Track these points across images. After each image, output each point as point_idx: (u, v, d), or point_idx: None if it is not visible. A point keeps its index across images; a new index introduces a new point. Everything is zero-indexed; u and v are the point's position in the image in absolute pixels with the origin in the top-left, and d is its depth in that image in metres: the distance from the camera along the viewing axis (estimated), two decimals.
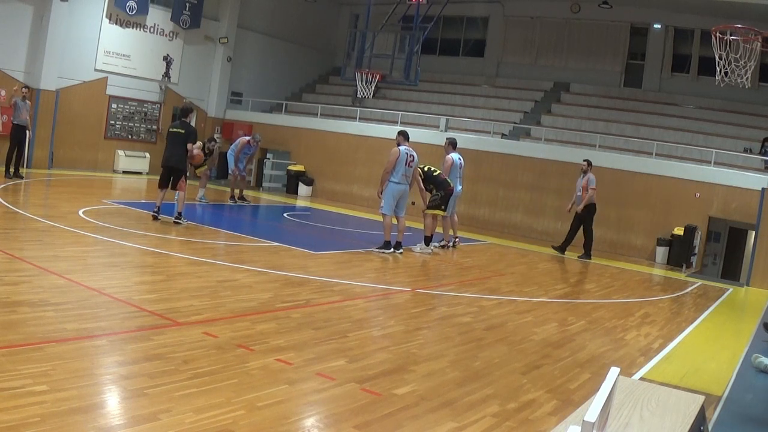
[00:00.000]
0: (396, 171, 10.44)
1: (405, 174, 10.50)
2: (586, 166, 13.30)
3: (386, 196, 10.48)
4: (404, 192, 10.60)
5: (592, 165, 13.42)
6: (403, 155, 10.47)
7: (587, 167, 13.28)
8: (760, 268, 12.61)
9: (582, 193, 13.21)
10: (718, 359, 6.74)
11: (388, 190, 10.47)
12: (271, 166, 20.68)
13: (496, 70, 21.66)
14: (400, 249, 10.67)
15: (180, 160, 10.77)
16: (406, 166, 10.49)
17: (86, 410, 3.54)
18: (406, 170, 10.49)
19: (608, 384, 1.87)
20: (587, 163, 13.38)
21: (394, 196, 10.48)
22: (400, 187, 10.51)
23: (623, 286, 10.88)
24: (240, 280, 7.34)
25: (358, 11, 23.54)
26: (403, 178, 10.49)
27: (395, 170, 10.44)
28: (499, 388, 4.86)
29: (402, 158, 10.44)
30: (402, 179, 10.49)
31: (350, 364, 4.93)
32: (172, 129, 10.85)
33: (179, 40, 19.50)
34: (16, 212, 10.03)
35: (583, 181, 13.25)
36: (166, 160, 10.85)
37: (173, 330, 5.19)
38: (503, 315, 7.40)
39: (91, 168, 17.78)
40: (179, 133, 10.68)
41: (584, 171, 13.30)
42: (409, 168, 10.56)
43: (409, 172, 10.57)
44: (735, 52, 9.48)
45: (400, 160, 10.43)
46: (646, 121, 17.51)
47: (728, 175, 14.31)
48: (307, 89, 23.66)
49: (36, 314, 5.10)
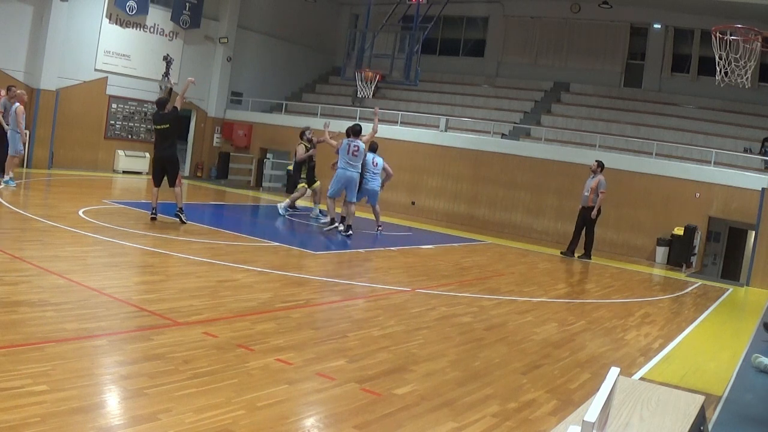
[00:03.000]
0: (339, 158, 11.94)
1: (348, 161, 11.81)
2: (595, 167, 13.06)
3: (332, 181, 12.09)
4: (349, 178, 11.83)
5: (604, 167, 13.16)
6: (345, 145, 11.93)
7: (597, 168, 13.03)
8: (760, 268, 12.61)
9: (590, 194, 12.97)
10: (718, 359, 6.74)
11: (334, 175, 12.01)
12: (271, 166, 20.71)
13: (496, 70, 21.66)
14: (350, 232, 11.80)
15: (172, 151, 10.57)
16: (350, 154, 11.82)
17: (86, 410, 3.54)
18: (349, 158, 11.80)
19: (608, 384, 1.87)
20: (597, 163, 13.13)
21: (338, 180, 11.88)
22: (344, 173, 11.82)
23: (623, 286, 10.88)
24: (240, 280, 7.34)
25: (358, 11, 23.54)
26: (345, 164, 11.82)
27: (339, 157, 11.94)
28: (499, 388, 4.86)
29: (344, 147, 11.90)
30: (345, 165, 11.82)
31: (350, 364, 4.93)
32: (157, 127, 10.65)
33: (179, 40, 19.50)
34: (16, 212, 10.03)
35: (593, 182, 12.98)
36: (157, 152, 10.71)
37: (173, 330, 5.19)
38: (503, 315, 7.40)
39: (91, 168, 17.78)
40: (165, 128, 10.51)
41: (594, 171, 13.06)
42: (354, 156, 11.84)
43: (352, 160, 11.83)
44: (735, 52, 9.48)
45: (342, 149, 11.92)
46: (646, 121, 17.51)
47: (728, 175, 14.31)
48: (307, 89, 23.66)
49: (36, 314, 5.10)
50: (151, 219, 10.52)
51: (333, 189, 12.05)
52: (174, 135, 10.61)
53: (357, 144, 11.85)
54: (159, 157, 10.70)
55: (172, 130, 10.58)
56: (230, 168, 20.55)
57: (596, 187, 12.92)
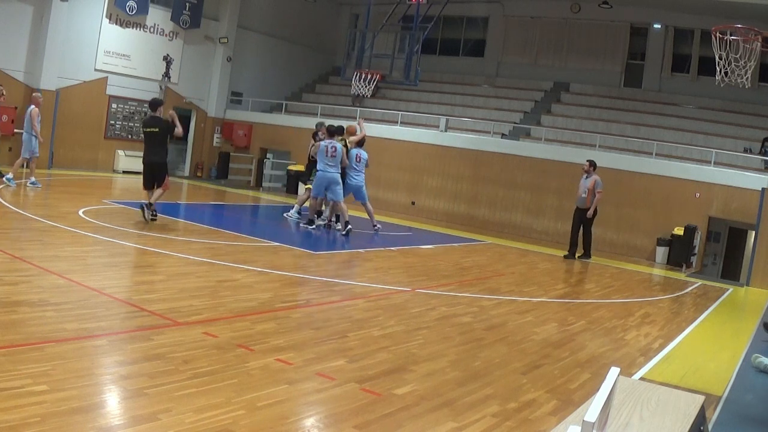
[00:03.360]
0: (318, 160, 12.15)
1: (327, 163, 12.03)
2: (587, 167, 13.00)
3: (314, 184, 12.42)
4: (330, 179, 12.08)
5: (596, 166, 13.10)
6: (322, 147, 12.06)
7: (589, 167, 12.96)
8: (760, 268, 12.61)
9: (587, 194, 12.90)
10: (718, 359, 6.74)
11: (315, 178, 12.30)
12: (271, 166, 20.70)
13: (496, 70, 21.66)
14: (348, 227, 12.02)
15: (160, 155, 10.35)
16: (328, 156, 12.02)
17: (86, 410, 3.54)
18: (328, 160, 12.03)
19: (608, 384, 1.87)
20: (589, 163, 13.07)
21: (320, 182, 12.16)
22: (323, 175, 12.07)
23: (623, 286, 10.88)
24: (240, 280, 7.34)
25: (358, 11, 23.53)
26: (324, 166, 12.04)
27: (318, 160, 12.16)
28: (499, 388, 4.86)
29: (321, 150, 12.06)
30: (324, 167, 12.04)
31: (350, 364, 4.93)
32: (146, 129, 10.48)
33: (179, 40, 19.51)
34: (16, 212, 10.03)
35: (589, 182, 12.91)
36: (146, 157, 10.51)
37: (173, 330, 5.19)
38: (503, 315, 7.40)
39: (91, 168, 17.78)
40: (154, 132, 10.32)
41: (586, 171, 12.99)
42: (332, 158, 12.04)
43: (331, 161, 12.04)
44: (735, 52, 9.47)
45: (320, 152, 12.10)
46: (646, 121, 17.51)
47: (728, 175, 14.31)
48: (307, 89, 23.66)
49: (36, 314, 5.10)
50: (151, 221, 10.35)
51: (315, 191, 12.33)
52: (163, 140, 10.34)
53: (335, 145, 12.03)
54: (148, 162, 10.49)
55: (162, 135, 10.32)
56: (230, 168, 20.56)
57: (593, 188, 12.88)
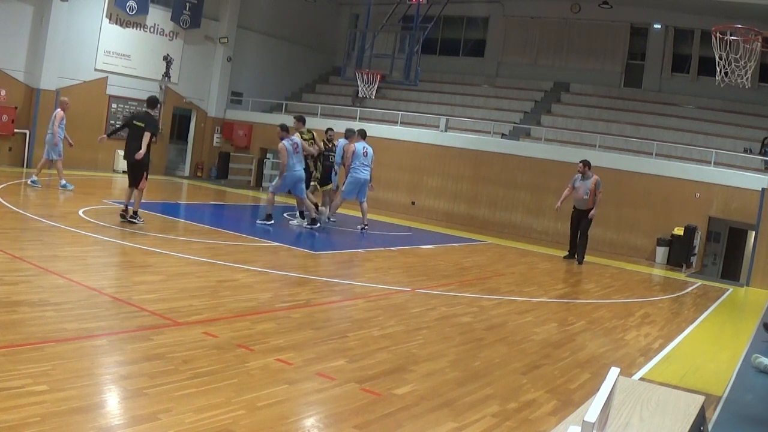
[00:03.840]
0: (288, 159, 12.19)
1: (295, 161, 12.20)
2: (582, 167, 12.64)
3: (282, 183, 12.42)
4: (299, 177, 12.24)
5: (591, 166, 12.78)
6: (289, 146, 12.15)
7: (584, 168, 12.61)
8: (760, 268, 12.61)
9: (589, 196, 12.56)
10: (718, 359, 6.74)
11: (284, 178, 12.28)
12: (271, 166, 20.69)
13: (496, 70, 21.66)
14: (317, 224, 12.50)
15: (136, 151, 9.96)
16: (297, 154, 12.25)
17: (86, 410, 3.54)
18: (297, 158, 12.20)
19: (608, 384, 1.87)
20: (584, 164, 12.69)
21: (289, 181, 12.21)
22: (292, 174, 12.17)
23: (623, 286, 10.88)
24: (240, 280, 7.34)
25: (358, 11, 23.53)
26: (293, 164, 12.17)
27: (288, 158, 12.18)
28: (499, 388, 4.86)
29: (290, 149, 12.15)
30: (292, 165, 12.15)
31: (350, 364, 4.93)
32: (135, 122, 10.18)
33: (179, 40, 19.50)
34: (16, 212, 10.03)
35: (590, 183, 12.57)
36: (126, 150, 10.27)
37: (173, 330, 5.19)
38: (503, 315, 7.40)
39: (91, 168, 17.76)
40: (138, 127, 10.03)
41: (581, 172, 12.64)
42: (297, 154, 12.24)
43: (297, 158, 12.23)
44: (735, 52, 9.47)
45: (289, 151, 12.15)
46: (646, 121, 17.51)
47: (728, 175, 14.31)
48: (307, 89, 23.66)
49: (36, 314, 5.10)
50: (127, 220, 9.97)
51: (282, 189, 12.58)
52: (144, 137, 9.92)
53: (296, 142, 12.27)
54: (127, 156, 10.24)
55: (144, 132, 9.95)
56: (230, 168, 20.55)
57: (595, 188, 12.72)
